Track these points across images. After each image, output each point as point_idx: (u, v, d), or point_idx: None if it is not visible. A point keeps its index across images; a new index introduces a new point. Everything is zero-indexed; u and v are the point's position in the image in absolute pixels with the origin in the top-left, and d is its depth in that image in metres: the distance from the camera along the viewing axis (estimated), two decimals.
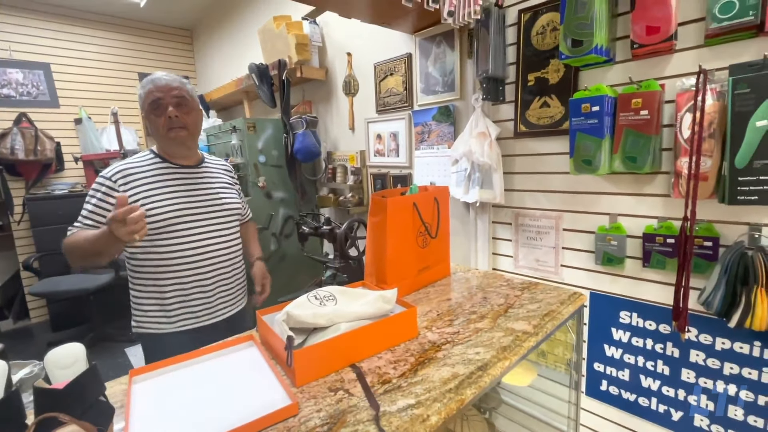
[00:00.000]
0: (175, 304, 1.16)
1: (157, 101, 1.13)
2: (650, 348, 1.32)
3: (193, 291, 1.18)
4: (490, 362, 0.76)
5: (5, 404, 0.55)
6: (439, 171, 1.94)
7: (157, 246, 1.13)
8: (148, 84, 1.14)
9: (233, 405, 0.67)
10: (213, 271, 1.21)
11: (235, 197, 1.33)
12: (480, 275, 1.30)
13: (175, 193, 1.16)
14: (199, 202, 1.20)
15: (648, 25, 1.14)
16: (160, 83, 1.13)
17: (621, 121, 1.22)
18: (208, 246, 1.20)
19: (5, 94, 3.24)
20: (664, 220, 1.23)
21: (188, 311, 1.18)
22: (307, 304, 0.85)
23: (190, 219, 1.17)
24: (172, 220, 1.13)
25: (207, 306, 1.21)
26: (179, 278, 1.16)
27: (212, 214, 1.22)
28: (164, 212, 1.12)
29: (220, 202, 1.25)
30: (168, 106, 1.13)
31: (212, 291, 1.21)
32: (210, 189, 1.25)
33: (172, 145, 1.19)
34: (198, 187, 1.22)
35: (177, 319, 1.17)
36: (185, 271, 1.16)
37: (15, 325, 3.48)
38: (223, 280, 1.24)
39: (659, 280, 1.27)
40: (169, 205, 1.14)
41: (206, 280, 1.19)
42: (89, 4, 3.45)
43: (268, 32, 2.52)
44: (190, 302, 1.18)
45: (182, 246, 1.15)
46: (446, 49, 1.81)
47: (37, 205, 3.19)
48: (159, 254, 1.14)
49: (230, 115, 3.78)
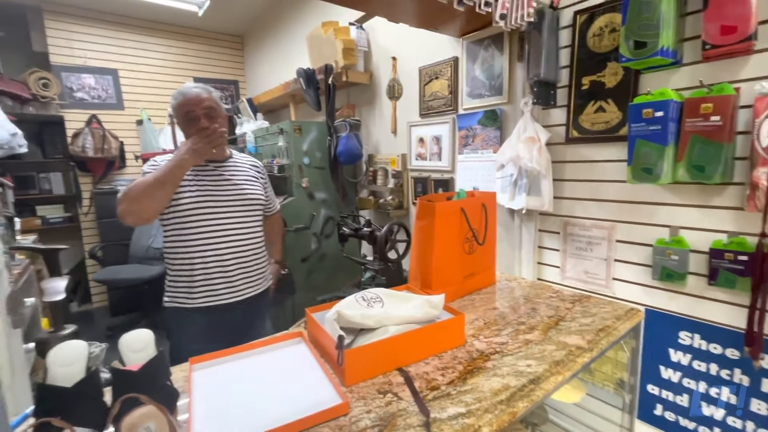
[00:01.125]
0: (199, 283, 1.29)
1: (190, 113, 1.27)
2: (715, 373, 1.22)
3: (215, 272, 1.29)
4: (542, 376, 0.73)
5: (88, 382, 0.60)
6: (482, 176, 1.90)
7: (186, 230, 1.27)
8: (179, 96, 1.28)
9: (285, 399, 0.69)
10: (233, 253, 1.32)
11: (258, 190, 1.45)
12: (527, 285, 1.26)
13: (201, 185, 1.30)
14: (221, 193, 1.33)
15: (723, 24, 1.06)
16: (190, 95, 1.27)
17: (687, 127, 1.14)
18: (229, 231, 1.32)
19: (80, 98, 3.57)
20: (735, 235, 1.14)
21: (210, 289, 1.30)
22: (355, 305, 0.86)
23: (213, 207, 1.29)
24: (197, 208, 1.27)
25: (228, 285, 1.32)
26: (203, 259, 1.28)
27: (235, 202, 1.34)
28: (191, 200, 1.26)
29: (242, 192, 1.37)
30: (200, 117, 1.27)
31: (233, 272, 1.33)
32: (234, 181, 1.37)
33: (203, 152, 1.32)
34: (223, 179, 1.35)
35: (200, 296, 1.29)
36: (208, 253, 1.28)
37: (79, 309, 3.80)
38: (243, 262, 1.35)
39: (727, 300, 1.17)
40: (195, 195, 1.27)
41: (226, 261, 1.31)
42: (154, 14, 3.72)
43: (315, 38, 2.59)
44: (213, 282, 1.30)
45: (206, 230, 1.28)
46: (494, 52, 1.77)
47: (103, 199, 3.47)
48: (187, 237, 1.27)
49: (276, 118, 3.93)
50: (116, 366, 0.65)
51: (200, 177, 1.31)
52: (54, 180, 3.56)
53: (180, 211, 1.25)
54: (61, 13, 3.44)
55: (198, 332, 1.30)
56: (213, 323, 1.31)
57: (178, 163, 1.16)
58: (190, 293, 1.29)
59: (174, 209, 1.25)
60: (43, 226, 3.45)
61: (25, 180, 3.42)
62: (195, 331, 1.30)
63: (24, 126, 2.57)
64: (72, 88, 3.54)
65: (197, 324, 1.30)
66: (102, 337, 3.14)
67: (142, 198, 1.16)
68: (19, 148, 2.56)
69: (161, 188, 1.17)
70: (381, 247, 1.43)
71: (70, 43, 3.51)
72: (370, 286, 1.37)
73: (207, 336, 1.29)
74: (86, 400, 0.58)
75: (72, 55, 3.52)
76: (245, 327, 1.39)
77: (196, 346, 1.19)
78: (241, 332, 1.37)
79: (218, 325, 1.32)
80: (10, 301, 1.04)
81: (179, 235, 1.27)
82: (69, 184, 3.59)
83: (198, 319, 1.29)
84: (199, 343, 1.23)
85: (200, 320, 1.29)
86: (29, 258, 2.02)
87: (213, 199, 1.30)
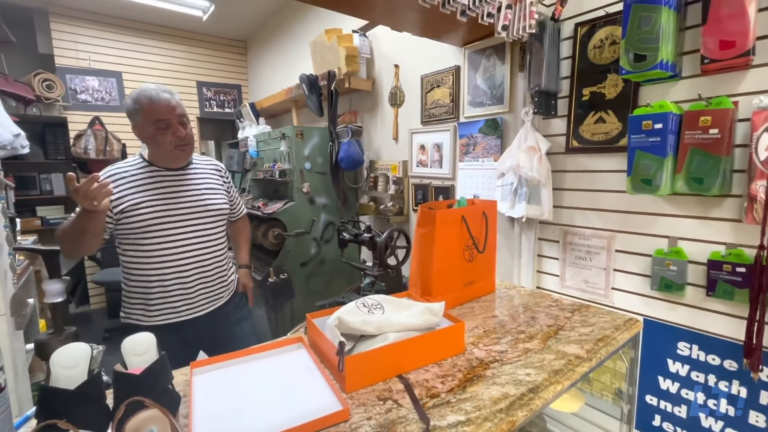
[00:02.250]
0: (156, 300, 1.21)
1: (164, 122, 1.17)
2: (713, 385, 1.22)
3: (174, 288, 1.22)
4: (541, 385, 0.73)
5: (90, 385, 0.60)
6: (483, 184, 1.91)
7: (142, 245, 1.19)
8: (144, 100, 1.16)
9: (286, 404, 0.69)
10: (193, 269, 1.25)
11: (221, 198, 1.36)
12: (526, 293, 1.26)
13: (158, 196, 1.21)
14: (182, 204, 1.24)
15: (722, 39, 1.08)
16: (161, 103, 1.17)
17: (686, 139, 1.15)
18: (189, 245, 1.24)
19: (83, 100, 3.59)
20: (733, 246, 1.15)
21: (169, 306, 1.22)
22: (356, 311, 0.86)
23: (171, 220, 1.21)
24: (154, 221, 1.18)
25: (187, 302, 1.25)
26: (161, 275, 1.20)
27: (194, 214, 1.26)
28: (147, 213, 1.18)
29: (203, 203, 1.29)
30: (176, 126, 1.19)
31: (193, 288, 1.25)
32: (194, 191, 1.28)
33: (177, 159, 1.25)
34: (182, 190, 1.26)
35: (158, 313, 1.22)
36: (167, 269, 1.21)
37: (77, 310, 3.79)
38: (204, 277, 1.28)
39: (726, 311, 1.18)
40: (151, 207, 1.19)
41: (187, 277, 1.23)
42: (158, 18, 3.76)
43: (319, 44, 2.62)
44: (171, 298, 1.22)
45: (164, 245, 1.20)
46: (496, 61, 1.80)
47: None
48: (143, 253, 1.19)
49: (278, 123, 3.95)
50: (119, 369, 0.65)
51: (156, 189, 1.21)
52: (55, 181, 3.57)
53: (136, 224, 1.17)
54: (67, 16, 3.47)
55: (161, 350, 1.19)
56: (176, 340, 1.20)
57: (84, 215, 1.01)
58: (146, 310, 1.22)
59: (129, 221, 1.16)
60: (43, 226, 3.45)
61: (27, 180, 3.42)
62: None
63: (27, 127, 2.58)
64: (76, 90, 3.56)
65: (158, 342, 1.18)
66: (99, 339, 3.13)
67: (68, 246, 1.11)
68: (21, 149, 2.56)
69: (80, 238, 1.07)
70: (381, 253, 1.44)
71: (76, 45, 3.54)
72: (370, 291, 1.37)
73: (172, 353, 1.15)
74: (89, 403, 0.59)
75: (77, 58, 3.55)
76: (217, 336, 1.33)
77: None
78: (214, 342, 1.32)
79: (184, 341, 1.25)
80: (14, 302, 1.04)
81: (135, 249, 1.19)
82: None
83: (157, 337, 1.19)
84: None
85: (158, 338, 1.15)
86: (29, 259, 2.02)
87: (172, 211, 1.22)
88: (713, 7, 1.09)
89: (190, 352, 1.27)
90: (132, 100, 1.18)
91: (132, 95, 1.19)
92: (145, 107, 1.16)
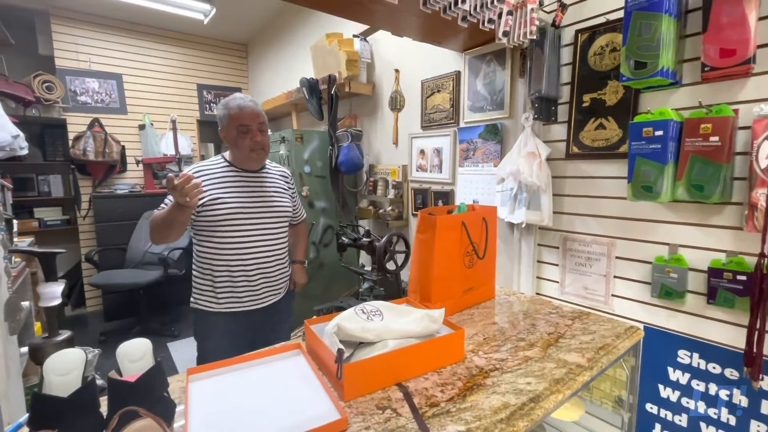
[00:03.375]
0: (224, 288, 1.32)
1: (245, 127, 1.30)
2: (713, 393, 1.21)
3: (240, 279, 1.33)
4: (542, 394, 0.72)
5: (84, 392, 0.59)
6: (482, 189, 1.91)
7: (215, 236, 1.30)
8: (234, 107, 1.30)
9: (284, 412, 0.68)
10: (257, 263, 1.35)
11: (286, 201, 1.48)
12: (526, 300, 1.25)
13: (234, 193, 1.33)
14: (254, 203, 1.36)
15: (722, 47, 1.08)
16: (246, 110, 1.30)
17: (687, 147, 1.15)
18: (256, 241, 1.35)
19: (83, 101, 3.58)
20: (734, 254, 1.14)
21: (234, 296, 1.33)
22: (355, 318, 0.85)
23: (243, 216, 1.32)
24: (229, 216, 1.29)
25: (251, 293, 1.35)
26: (229, 266, 1.31)
27: (264, 214, 1.37)
28: (223, 208, 1.29)
29: (272, 204, 1.40)
30: (255, 132, 1.32)
31: (256, 281, 1.36)
32: (265, 193, 1.40)
33: (252, 162, 1.38)
34: (255, 190, 1.38)
35: (224, 301, 1.33)
36: (234, 261, 1.31)
37: (72, 312, 3.76)
38: (267, 271, 1.38)
39: (726, 319, 1.17)
40: (228, 202, 1.30)
41: (251, 271, 1.34)
42: (160, 21, 3.76)
43: (320, 48, 2.63)
44: (237, 288, 1.33)
45: (234, 239, 1.31)
46: (496, 67, 1.80)
47: (102, 203, 3.46)
48: (215, 244, 1.31)
49: (278, 126, 3.95)
50: (113, 376, 0.64)
51: (234, 188, 1.33)
52: (53, 182, 3.56)
53: (213, 217, 1.28)
54: (68, 18, 3.47)
55: (220, 335, 1.34)
56: (235, 327, 1.35)
57: (176, 208, 1.15)
58: (214, 298, 1.33)
59: (207, 214, 1.28)
60: (40, 228, 3.44)
61: (24, 182, 3.41)
62: (218, 334, 1.34)
63: (26, 128, 2.58)
64: (76, 92, 3.55)
65: (220, 327, 1.34)
66: (95, 342, 3.10)
67: (157, 233, 1.24)
68: (20, 150, 2.56)
69: (170, 228, 1.21)
70: (380, 257, 1.43)
71: (76, 47, 3.54)
72: (369, 296, 1.37)
73: (229, 338, 1.34)
74: (82, 411, 0.58)
75: (77, 60, 3.54)
76: (267, 330, 1.43)
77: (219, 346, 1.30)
78: (263, 335, 1.41)
79: (240, 329, 1.36)
80: (8, 306, 1.03)
81: (209, 241, 1.31)
82: (68, 186, 3.58)
83: (220, 323, 1.34)
84: (222, 344, 1.31)
85: (223, 324, 1.34)
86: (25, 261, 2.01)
87: (245, 208, 1.33)
88: (714, 16, 1.09)
89: (242, 341, 1.36)
90: (222, 106, 1.32)
91: (223, 102, 1.33)
92: (232, 113, 1.30)
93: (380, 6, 1.37)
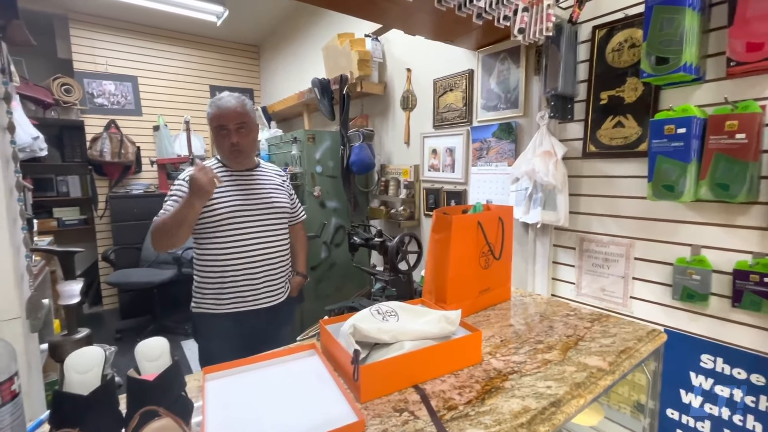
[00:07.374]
0: (229, 289, 1.32)
1: (223, 127, 1.29)
2: (739, 400, 1.17)
3: (243, 277, 1.32)
4: (563, 399, 0.71)
5: (103, 391, 0.59)
6: (496, 189, 1.89)
7: (217, 237, 1.30)
8: (214, 107, 1.30)
9: (300, 413, 0.68)
10: (261, 261, 1.35)
11: (284, 198, 1.47)
12: (542, 302, 1.23)
13: (231, 193, 1.33)
14: (252, 200, 1.36)
15: (749, 41, 1.04)
16: (225, 110, 1.28)
17: (711, 144, 1.11)
18: (258, 239, 1.35)
19: (99, 104, 3.66)
20: (761, 256, 1.10)
21: (239, 296, 1.32)
22: (371, 318, 0.85)
23: (243, 215, 1.33)
24: (227, 215, 1.30)
25: (254, 293, 1.35)
26: (233, 266, 1.31)
27: (263, 211, 1.37)
28: (222, 208, 1.29)
29: (270, 200, 1.41)
30: (233, 133, 1.30)
31: (260, 280, 1.35)
32: (262, 190, 1.41)
33: (232, 163, 1.38)
34: (251, 187, 1.38)
35: (229, 301, 1.32)
36: (238, 260, 1.31)
37: (89, 310, 3.84)
38: (270, 268, 1.38)
39: (753, 323, 1.13)
40: (225, 202, 1.30)
41: (254, 268, 1.34)
42: (174, 24, 3.82)
43: (331, 48, 2.63)
44: (241, 286, 1.32)
45: (236, 238, 1.31)
46: (510, 65, 1.77)
47: (118, 203, 3.53)
48: (218, 245, 1.30)
49: (290, 127, 3.97)
50: (132, 375, 0.64)
51: (230, 188, 1.33)
52: (71, 183, 3.64)
53: (212, 217, 1.28)
54: (86, 22, 3.55)
55: (224, 337, 1.33)
56: (239, 328, 1.35)
57: (190, 204, 1.18)
58: (219, 299, 1.32)
59: (207, 215, 1.28)
60: (59, 227, 3.51)
61: (44, 182, 3.49)
62: (222, 336, 1.33)
63: (45, 130, 2.63)
64: (93, 94, 3.63)
65: (224, 329, 1.33)
66: (111, 339, 3.16)
67: (164, 237, 1.23)
68: (39, 152, 2.62)
69: (179, 227, 1.20)
70: (392, 257, 1.42)
71: (93, 50, 3.61)
72: (381, 296, 1.36)
73: (233, 340, 1.34)
74: (102, 409, 0.58)
75: (94, 63, 3.62)
76: (268, 333, 1.42)
77: (223, 349, 1.28)
78: (263, 338, 1.39)
79: (243, 331, 1.35)
80: (30, 304, 1.05)
81: (211, 242, 1.30)
82: (86, 187, 3.66)
83: (225, 325, 1.33)
84: (226, 347, 1.30)
85: (227, 325, 1.33)
86: (44, 259, 2.05)
87: (243, 206, 1.33)
88: (740, 8, 1.06)
89: (246, 342, 1.36)
90: (208, 105, 1.33)
91: (210, 101, 1.33)
92: (213, 113, 1.30)
93: (394, 4, 1.36)
